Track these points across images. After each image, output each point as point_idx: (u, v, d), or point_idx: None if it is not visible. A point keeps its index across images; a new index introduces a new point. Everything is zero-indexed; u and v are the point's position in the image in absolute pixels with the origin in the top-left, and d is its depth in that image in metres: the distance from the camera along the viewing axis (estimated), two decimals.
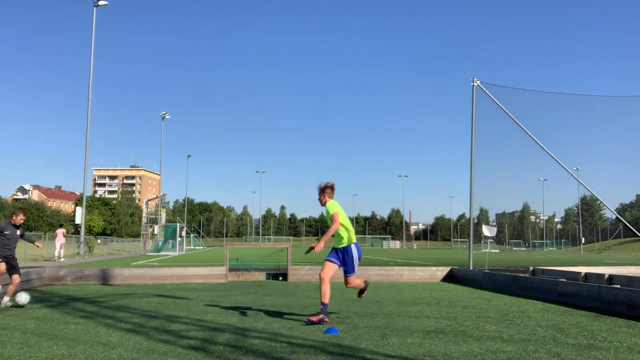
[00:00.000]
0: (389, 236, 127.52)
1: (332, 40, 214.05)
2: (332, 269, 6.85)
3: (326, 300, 6.66)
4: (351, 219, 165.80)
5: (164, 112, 58.93)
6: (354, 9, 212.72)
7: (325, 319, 6.56)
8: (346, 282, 7.01)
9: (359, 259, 6.99)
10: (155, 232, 53.06)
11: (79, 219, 35.92)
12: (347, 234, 6.91)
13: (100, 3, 34.99)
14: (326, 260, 6.94)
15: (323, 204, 7.00)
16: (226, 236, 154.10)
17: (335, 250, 6.98)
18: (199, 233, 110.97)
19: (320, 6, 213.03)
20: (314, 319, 6.52)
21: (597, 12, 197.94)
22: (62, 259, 25.82)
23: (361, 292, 7.25)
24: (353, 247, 6.91)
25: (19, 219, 8.24)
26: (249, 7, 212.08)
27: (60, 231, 27.02)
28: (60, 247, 26.48)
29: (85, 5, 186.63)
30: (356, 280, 7.12)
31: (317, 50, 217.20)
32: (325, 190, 7.01)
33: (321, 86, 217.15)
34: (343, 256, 6.91)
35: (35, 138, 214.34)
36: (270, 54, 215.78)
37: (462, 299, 9.67)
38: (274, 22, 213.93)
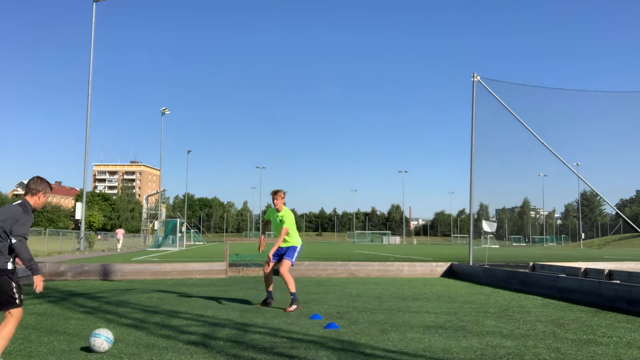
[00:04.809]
0: (389, 232, 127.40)
1: (332, 35, 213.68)
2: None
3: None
4: (351, 215, 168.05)
5: (164, 108, 59.15)
6: (354, 5, 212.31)
7: (299, 306, 7.55)
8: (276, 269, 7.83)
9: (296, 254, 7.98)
10: (156, 227, 53.11)
11: (79, 214, 36.00)
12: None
13: None
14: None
15: (279, 209, 7.90)
16: (226, 232, 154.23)
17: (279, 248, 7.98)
18: (199, 229, 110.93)
19: (319, 2, 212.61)
20: (291, 309, 7.38)
21: (597, 8, 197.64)
22: (118, 250, 35.57)
23: (290, 304, 7.48)
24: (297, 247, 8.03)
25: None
26: (249, 3, 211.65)
27: (120, 231, 39.66)
28: (119, 242, 38.79)
29: (85, 0, 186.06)
30: (288, 275, 7.66)
31: (317, 46, 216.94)
32: (281, 195, 7.91)
33: (321, 81, 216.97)
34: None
35: (35, 133, 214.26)
36: (271, 49, 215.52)
37: (462, 295, 9.69)
38: (275, 18, 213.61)
